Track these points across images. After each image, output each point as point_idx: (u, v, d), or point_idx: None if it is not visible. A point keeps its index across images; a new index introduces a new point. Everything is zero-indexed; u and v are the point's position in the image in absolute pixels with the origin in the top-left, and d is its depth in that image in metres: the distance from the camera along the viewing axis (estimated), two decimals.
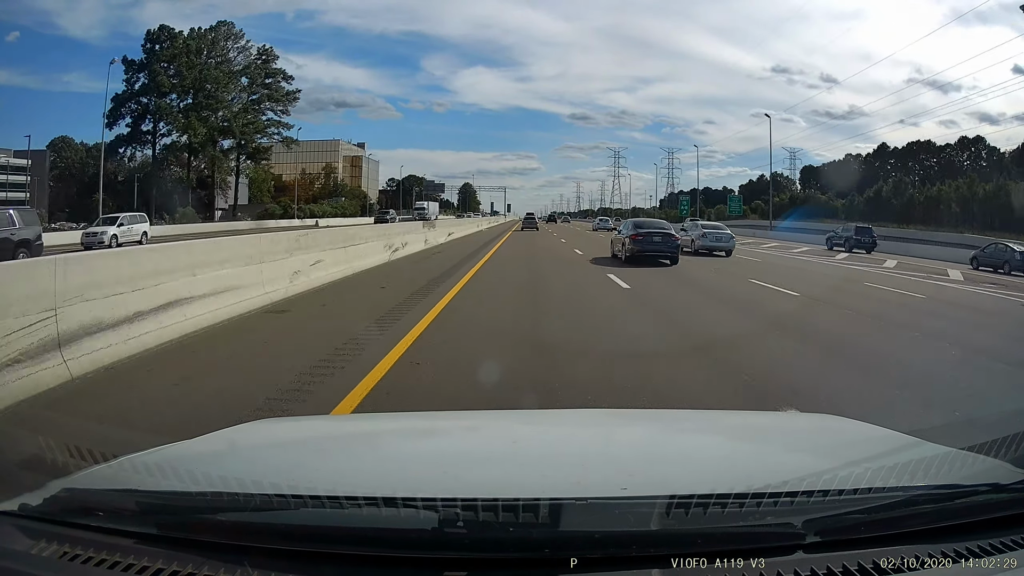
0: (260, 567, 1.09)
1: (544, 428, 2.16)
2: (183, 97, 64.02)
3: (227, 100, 66.70)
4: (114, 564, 1.12)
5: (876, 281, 17.13)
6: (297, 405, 4.45)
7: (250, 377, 5.43)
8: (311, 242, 11.59)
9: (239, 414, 3.82)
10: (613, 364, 6.07)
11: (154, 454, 1.59)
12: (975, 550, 1.17)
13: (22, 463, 1.81)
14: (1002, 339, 9.30)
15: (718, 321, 9.54)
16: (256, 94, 69.84)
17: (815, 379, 5.93)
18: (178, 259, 7.18)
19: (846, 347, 7.72)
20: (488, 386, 5.20)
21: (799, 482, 1.27)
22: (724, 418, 2.75)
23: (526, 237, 37.92)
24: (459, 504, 1.13)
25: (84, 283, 5.39)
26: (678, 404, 4.84)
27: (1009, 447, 1.67)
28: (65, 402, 4.55)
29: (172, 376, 5.27)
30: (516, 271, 16.57)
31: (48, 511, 1.24)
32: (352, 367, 5.54)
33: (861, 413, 3.43)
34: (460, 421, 2.45)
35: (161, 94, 62.16)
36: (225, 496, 1.24)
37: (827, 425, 2.31)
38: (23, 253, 17.19)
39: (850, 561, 1.12)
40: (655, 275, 15.31)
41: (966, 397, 5.52)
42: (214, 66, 65.19)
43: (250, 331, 7.42)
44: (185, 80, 62.91)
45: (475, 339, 7.31)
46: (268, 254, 9.48)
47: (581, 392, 5.02)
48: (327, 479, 1.40)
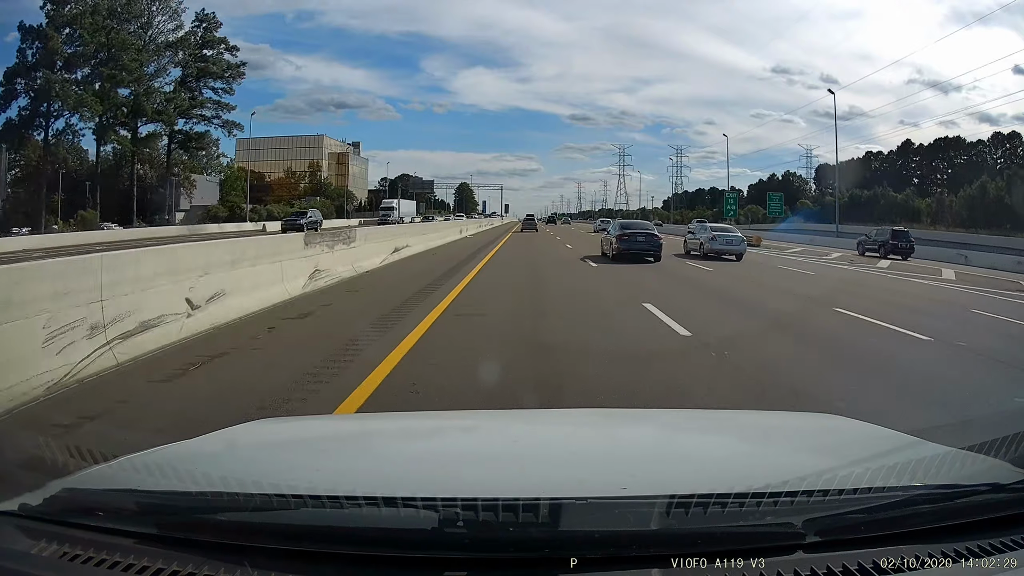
0: (260, 567, 1.09)
1: (544, 428, 2.16)
2: (89, 68, 50.47)
3: (145, 74, 53.49)
4: (114, 564, 1.12)
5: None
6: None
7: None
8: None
9: None
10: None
11: (154, 454, 1.59)
12: (975, 550, 1.17)
13: (22, 463, 1.81)
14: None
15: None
16: (190, 68, 56.08)
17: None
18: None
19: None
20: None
21: (799, 482, 1.27)
22: (724, 418, 2.75)
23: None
24: (459, 504, 1.13)
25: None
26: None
27: (1009, 447, 1.67)
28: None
29: None
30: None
31: (48, 511, 1.24)
32: None
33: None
34: (460, 421, 2.45)
35: (54, 65, 48.74)
36: (225, 496, 1.24)
37: (827, 425, 2.31)
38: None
39: (850, 561, 1.12)
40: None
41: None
42: (129, 31, 51.86)
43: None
44: (87, 47, 49.46)
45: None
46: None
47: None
48: (327, 479, 1.40)
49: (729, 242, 23.22)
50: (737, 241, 23.36)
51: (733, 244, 23.19)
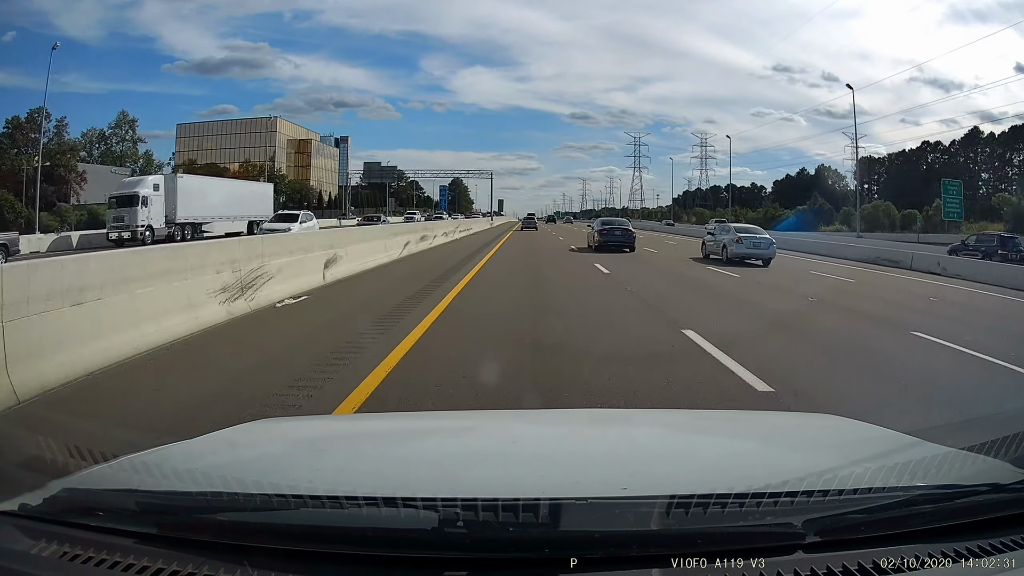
0: (260, 567, 1.09)
1: (544, 428, 2.16)
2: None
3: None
4: (114, 564, 1.12)
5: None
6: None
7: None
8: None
9: None
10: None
11: (154, 454, 1.59)
12: (975, 550, 1.17)
13: (22, 463, 1.81)
14: None
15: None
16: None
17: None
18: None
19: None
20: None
21: (799, 482, 1.27)
22: (724, 418, 2.75)
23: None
24: (459, 504, 1.13)
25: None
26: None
27: (1009, 447, 1.67)
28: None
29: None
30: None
31: (48, 511, 1.24)
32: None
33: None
34: (460, 421, 2.45)
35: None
36: (225, 496, 1.24)
37: (827, 425, 2.31)
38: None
39: (850, 561, 1.12)
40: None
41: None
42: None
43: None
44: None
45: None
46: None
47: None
48: (327, 479, 1.40)
49: (756, 245, 20.42)
50: (765, 244, 20.43)
51: (760, 248, 20.36)
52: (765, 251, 20.31)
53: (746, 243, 20.48)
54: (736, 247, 20.51)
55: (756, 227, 24.22)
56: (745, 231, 21.61)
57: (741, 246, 20.43)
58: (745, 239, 20.61)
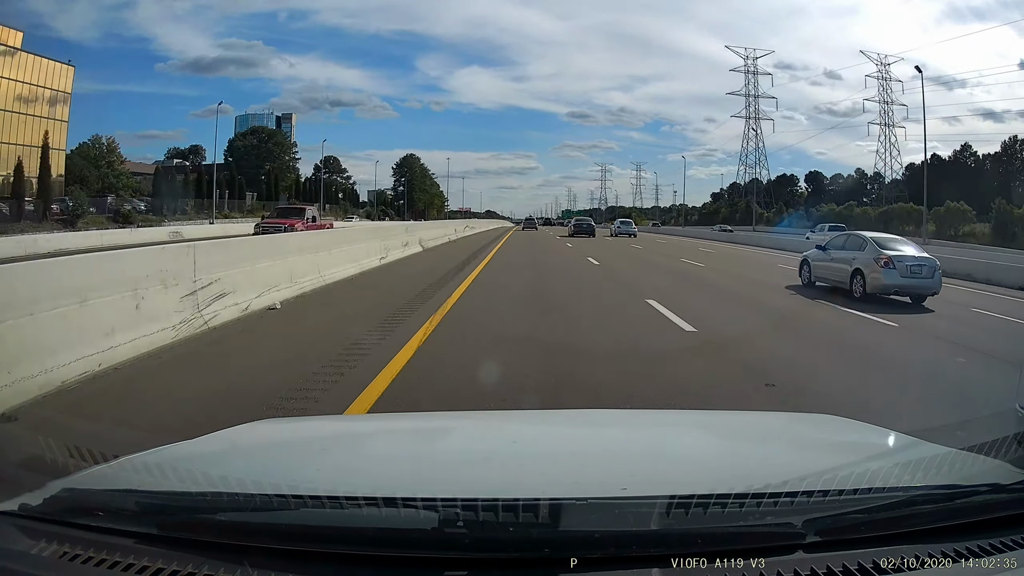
0: (260, 567, 1.09)
1: (544, 428, 2.16)
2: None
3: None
4: (114, 564, 1.12)
5: None
6: None
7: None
8: None
9: None
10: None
11: (154, 454, 1.59)
12: (975, 550, 1.17)
13: (22, 463, 1.81)
14: None
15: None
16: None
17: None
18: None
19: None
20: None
21: (799, 482, 1.27)
22: (724, 418, 2.75)
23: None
24: (459, 504, 1.13)
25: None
26: None
27: (1009, 447, 1.67)
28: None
29: None
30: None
31: (48, 511, 1.24)
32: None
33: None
34: (460, 421, 2.45)
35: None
36: (225, 496, 1.24)
37: (827, 425, 2.31)
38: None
39: (850, 561, 1.12)
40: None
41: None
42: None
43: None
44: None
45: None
46: None
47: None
48: (327, 479, 1.40)
49: (915, 270, 11.67)
50: (929, 269, 11.78)
51: (923, 276, 11.67)
52: (928, 280, 11.72)
53: (901, 267, 11.60)
54: (886, 274, 11.59)
55: (898, 237, 14.18)
56: (891, 245, 12.43)
57: (893, 273, 11.57)
58: (898, 259, 11.69)
